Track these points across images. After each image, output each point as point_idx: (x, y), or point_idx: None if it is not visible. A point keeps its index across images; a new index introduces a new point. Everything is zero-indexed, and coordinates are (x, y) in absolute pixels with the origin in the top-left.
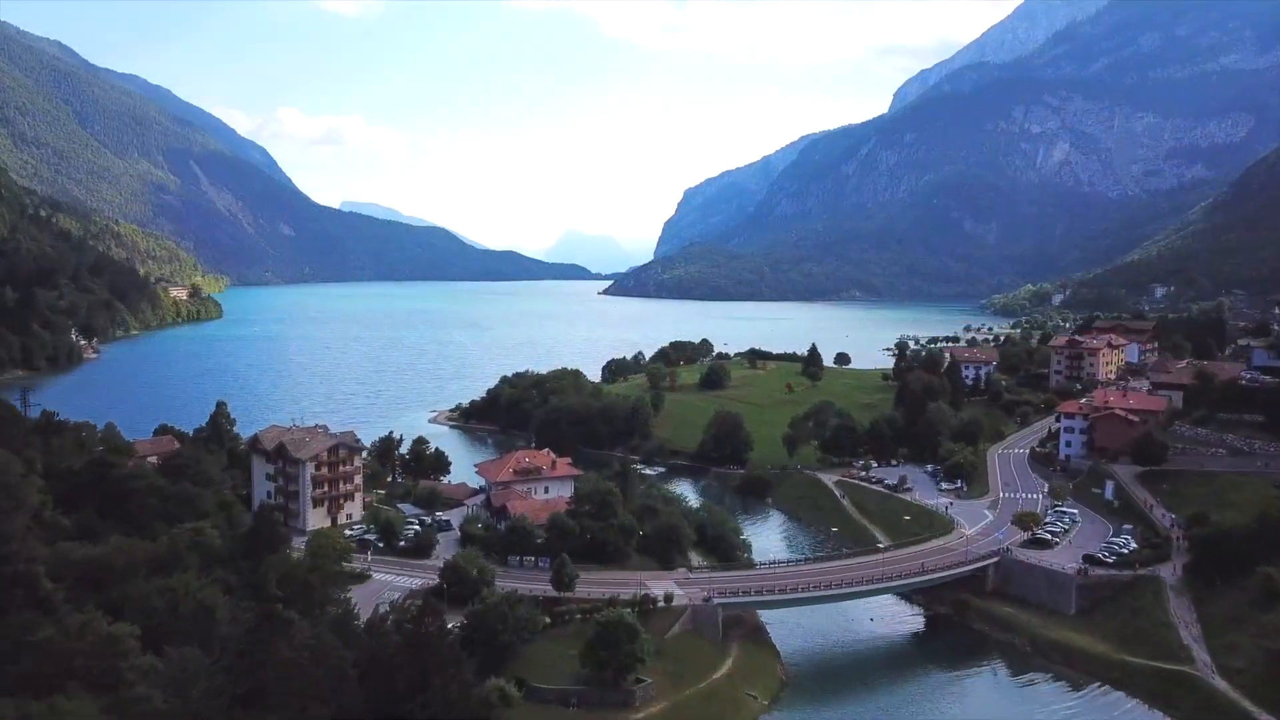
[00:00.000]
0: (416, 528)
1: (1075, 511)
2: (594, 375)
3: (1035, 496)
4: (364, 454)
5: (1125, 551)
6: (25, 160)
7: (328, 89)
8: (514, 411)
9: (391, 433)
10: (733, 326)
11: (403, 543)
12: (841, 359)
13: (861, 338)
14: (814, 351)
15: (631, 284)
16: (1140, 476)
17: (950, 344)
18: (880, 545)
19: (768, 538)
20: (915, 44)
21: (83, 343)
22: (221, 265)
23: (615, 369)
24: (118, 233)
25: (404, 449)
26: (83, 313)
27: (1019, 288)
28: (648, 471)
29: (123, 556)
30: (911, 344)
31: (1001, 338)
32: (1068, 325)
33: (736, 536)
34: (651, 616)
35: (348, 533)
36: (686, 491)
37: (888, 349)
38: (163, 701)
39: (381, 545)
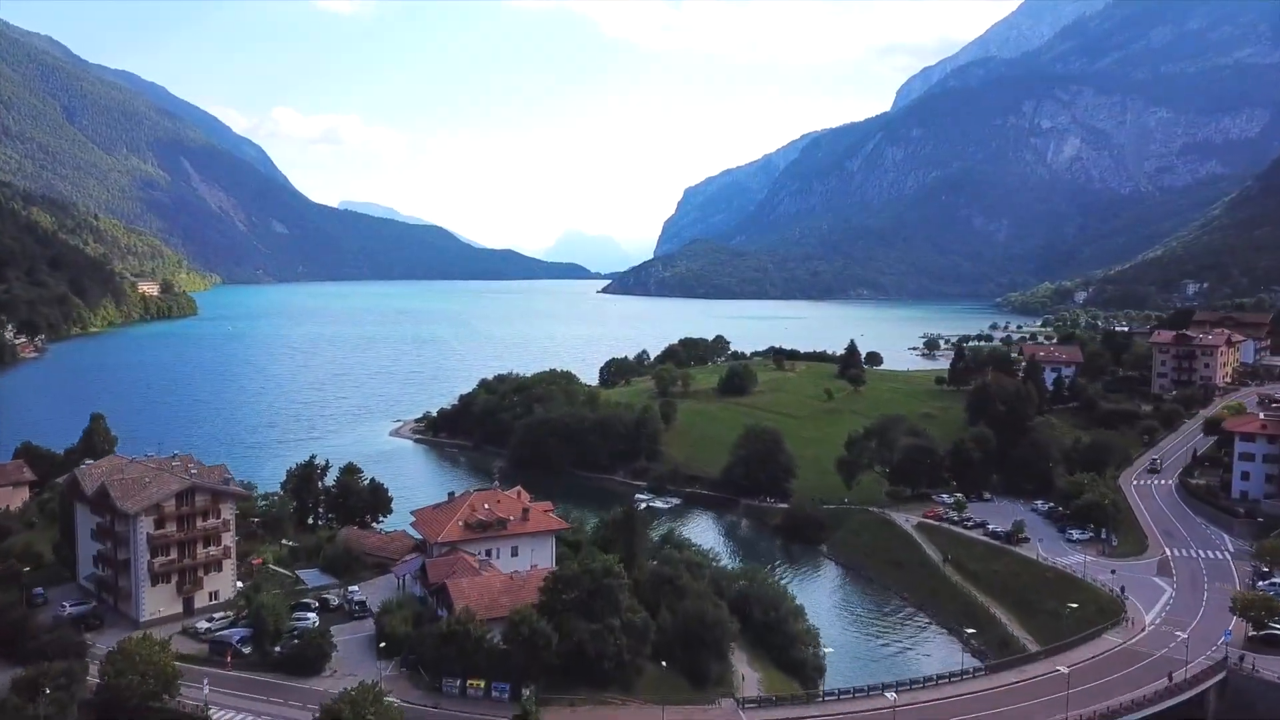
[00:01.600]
0: (310, 618)
1: None
2: (590, 378)
3: (1220, 556)
4: (252, 498)
5: None
6: (9, 155)
7: (324, 89)
8: (490, 423)
9: (313, 457)
10: (742, 325)
11: (279, 649)
12: (873, 359)
13: (879, 336)
14: (853, 350)
15: (631, 282)
16: None
17: (982, 342)
18: (1032, 650)
19: (822, 605)
20: (915, 43)
21: (21, 340)
22: (212, 262)
23: (615, 370)
24: (97, 227)
25: (333, 478)
26: (24, 308)
27: (1033, 286)
28: (659, 504)
29: None
30: (942, 343)
31: (1039, 337)
32: (1099, 323)
33: (798, 622)
34: None
35: (204, 625)
36: (709, 532)
37: (914, 348)
38: None
39: (249, 651)
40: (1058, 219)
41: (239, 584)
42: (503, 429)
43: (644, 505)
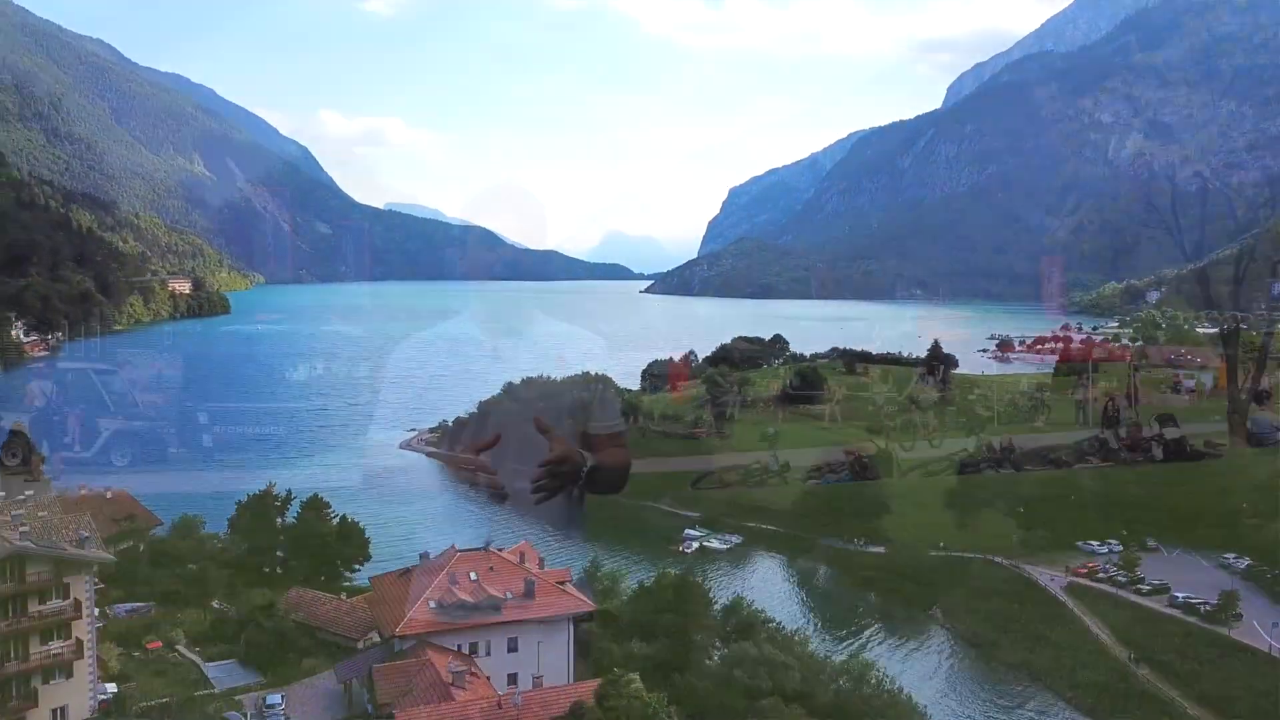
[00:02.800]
0: None
1: None
2: (630, 383)
3: None
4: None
5: None
6: (57, 155)
7: (368, 90)
8: None
9: (271, 486)
10: (796, 326)
11: None
12: (947, 362)
13: (941, 337)
14: (936, 350)
15: (675, 281)
16: None
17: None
18: None
19: (941, 701)
20: (957, 38)
21: (32, 338)
22: (256, 262)
23: (660, 373)
24: (138, 225)
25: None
26: (40, 304)
27: (1097, 285)
28: (714, 543)
29: None
30: (1016, 345)
31: (1122, 338)
32: (1187, 325)
33: None
34: None
35: None
36: (779, 582)
37: (983, 350)
38: None
39: None
40: (1120, 216)
41: (109, 689)
42: None
43: (696, 545)
